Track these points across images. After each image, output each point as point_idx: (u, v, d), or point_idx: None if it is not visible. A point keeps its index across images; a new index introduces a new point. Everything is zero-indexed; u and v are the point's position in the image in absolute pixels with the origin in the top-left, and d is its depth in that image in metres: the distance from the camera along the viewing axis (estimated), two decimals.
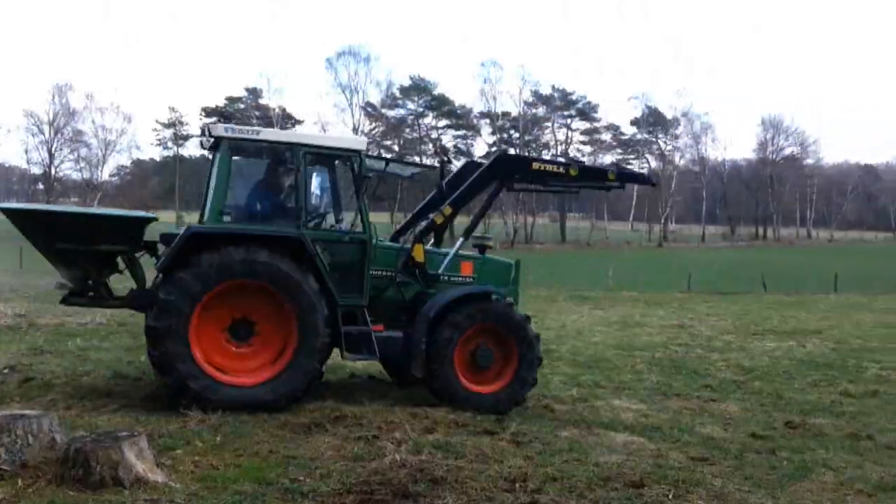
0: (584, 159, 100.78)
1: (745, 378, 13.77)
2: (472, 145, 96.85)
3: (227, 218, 9.21)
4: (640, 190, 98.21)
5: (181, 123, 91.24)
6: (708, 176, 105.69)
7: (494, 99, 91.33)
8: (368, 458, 7.89)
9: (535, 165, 10.67)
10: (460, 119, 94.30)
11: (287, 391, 9.11)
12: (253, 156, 9.79)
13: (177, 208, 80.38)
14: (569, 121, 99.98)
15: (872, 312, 27.25)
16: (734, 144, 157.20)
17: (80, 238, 8.83)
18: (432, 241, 10.79)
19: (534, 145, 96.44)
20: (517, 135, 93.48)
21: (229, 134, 9.19)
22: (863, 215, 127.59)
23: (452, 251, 10.47)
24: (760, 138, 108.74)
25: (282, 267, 8.90)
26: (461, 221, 12.25)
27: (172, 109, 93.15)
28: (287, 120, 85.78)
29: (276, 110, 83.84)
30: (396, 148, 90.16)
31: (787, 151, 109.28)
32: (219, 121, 62.83)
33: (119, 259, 9.41)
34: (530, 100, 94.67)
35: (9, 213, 8.99)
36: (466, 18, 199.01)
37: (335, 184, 10.22)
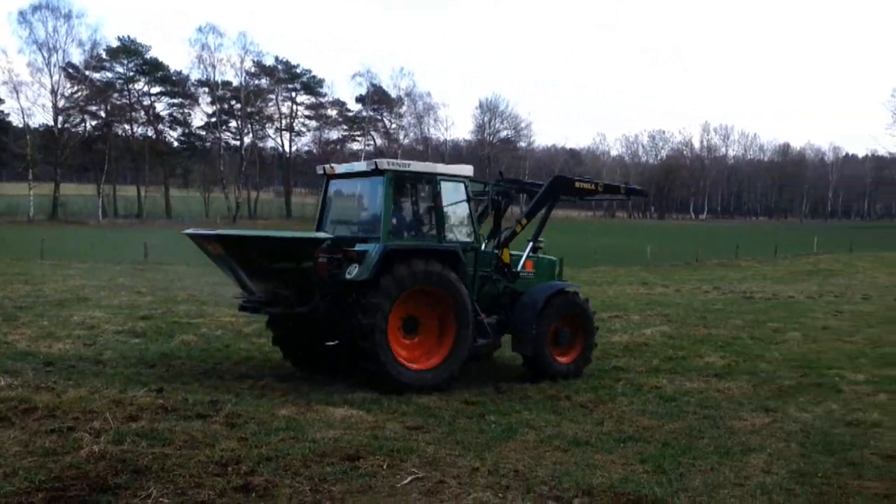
0: (309, 134, 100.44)
1: None
2: (190, 115, 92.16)
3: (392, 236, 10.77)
4: None
5: None
6: (431, 155, 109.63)
7: (213, 67, 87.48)
8: (62, 451, 7.21)
9: (578, 185, 13.21)
10: (176, 86, 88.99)
11: (449, 374, 10.90)
12: (401, 184, 11.12)
13: None
14: (293, 94, 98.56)
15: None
16: (456, 126, 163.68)
17: (292, 258, 10.13)
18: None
19: (257, 118, 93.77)
20: (238, 106, 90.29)
21: (392, 167, 10.83)
22: None
23: (525, 254, 12.63)
24: (479, 121, 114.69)
25: (449, 275, 10.77)
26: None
27: None
28: None
29: None
30: (103, 114, 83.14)
31: (503, 134, 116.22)
32: None
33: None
34: (253, 70, 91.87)
35: (235, 239, 10.45)
36: None
37: (452, 203, 11.61)
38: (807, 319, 19.73)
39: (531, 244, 12.81)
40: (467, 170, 11.77)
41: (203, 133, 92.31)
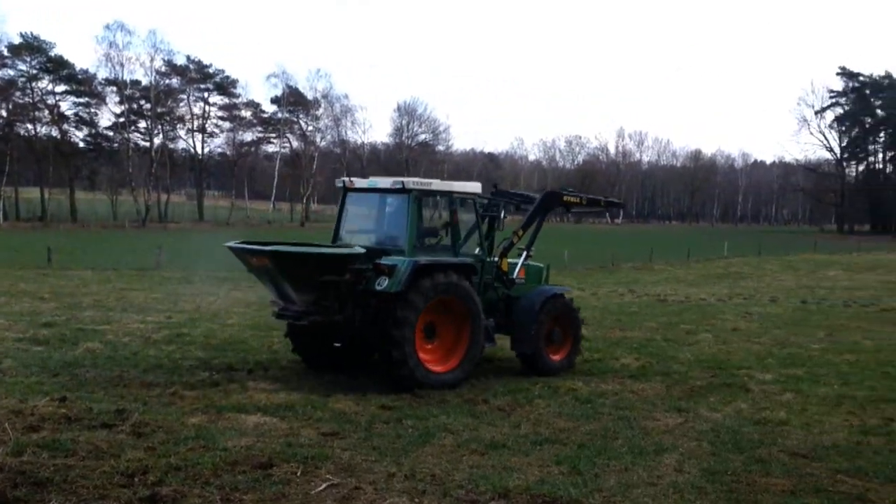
0: (222, 136, 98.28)
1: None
2: (97, 115, 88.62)
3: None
4: (282, 169, 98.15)
5: None
6: (348, 158, 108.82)
7: (122, 66, 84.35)
8: None
9: (565, 198, 14.28)
10: (82, 85, 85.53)
11: (465, 374, 11.77)
12: (423, 201, 12.04)
13: None
14: (206, 94, 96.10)
15: None
16: (374, 128, 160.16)
17: (336, 271, 10.92)
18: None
19: (167, 118, 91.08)
20: (148, 106, 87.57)
21: (417, 186, 11.66)
22: None
23: (520, 262, 13.48)
24: (396, 124, 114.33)
25: (466, 286, 11.67)
26: None
27: None
28: None
29: None
30: (4, 114, 79.44)
31: (421, 137, 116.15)
32: None
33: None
34: (163, 69, 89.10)
35: (283, 254, 11.02)
36: None
37: (465, 218, 12.63)
38: (717, 321, 20.27)
39: (525, 253, 13.69)
40: (476, 187, 12.71)
41: (111, 134, 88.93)
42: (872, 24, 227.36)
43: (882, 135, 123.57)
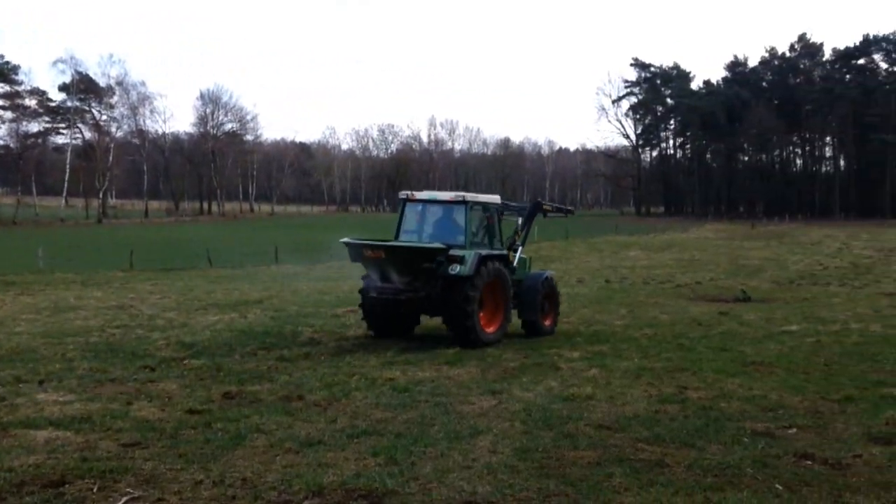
0: (4, 127, 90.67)
1: (186, 354, 13.59)
2: None
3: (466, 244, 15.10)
4: (74, 162, 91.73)
5: None
6: (148, 149, 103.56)
7: None
8: None
9: (544, 206, 18.61)
10: None
11: (502, 335, 15.34)
12: (473, 209, 15.50)
13: None
14: None
15: (310, 281, 29.18)
16: (175, 118, 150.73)
17: (431, 260, 14.31)
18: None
19: None
20: None
21: (472, 199, 15.40)
22: (300, 190, 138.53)
23: (518, 254, 16.70)
24: (200, 112, 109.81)
25: (504, 271, 15.36)
26: None
27: None
28: None
29: None
30: None
31: (228, 127, 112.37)
32: None
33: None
34: None
35: (395, 248, 14.89)
36: None
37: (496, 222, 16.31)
38: None
39: (520, 248, 16.90)
40: (497, 198, 16.65)
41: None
42: (663, 18, 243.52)
43: (672, 122, 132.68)
